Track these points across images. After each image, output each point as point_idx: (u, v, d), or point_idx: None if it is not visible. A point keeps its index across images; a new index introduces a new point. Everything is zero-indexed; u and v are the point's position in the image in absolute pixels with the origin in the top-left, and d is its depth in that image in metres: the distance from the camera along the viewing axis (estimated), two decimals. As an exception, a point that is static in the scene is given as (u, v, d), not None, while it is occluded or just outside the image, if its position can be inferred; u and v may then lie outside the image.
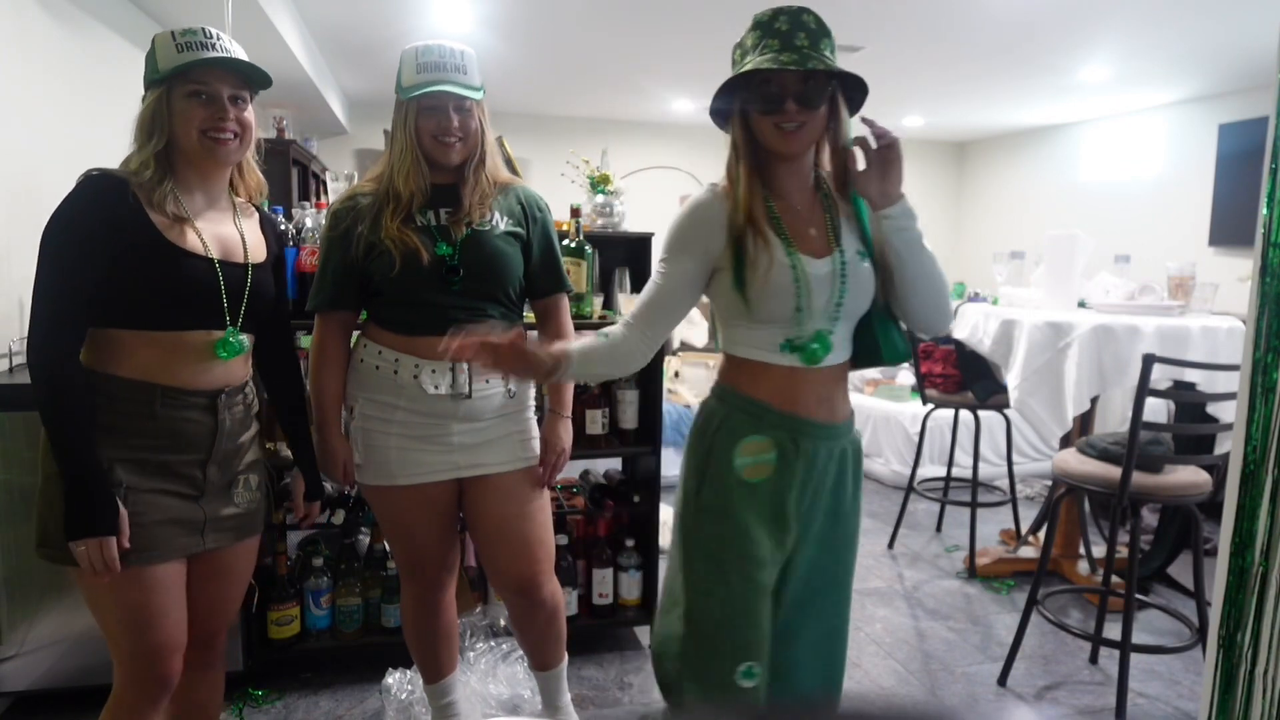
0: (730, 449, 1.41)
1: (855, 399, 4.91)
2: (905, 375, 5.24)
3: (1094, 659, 2.66)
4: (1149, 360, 2.31)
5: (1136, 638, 2.51)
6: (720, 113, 1.43)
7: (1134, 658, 2.45)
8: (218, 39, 1.45)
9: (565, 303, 1.91)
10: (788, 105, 1.32)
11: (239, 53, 1.47)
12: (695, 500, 1.46)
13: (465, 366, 1.71)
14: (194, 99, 1.42)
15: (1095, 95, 5.69)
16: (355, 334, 1.83)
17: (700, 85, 5.74)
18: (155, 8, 3.53)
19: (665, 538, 3.49)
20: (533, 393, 1.91)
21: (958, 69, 5.01)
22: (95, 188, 1.40)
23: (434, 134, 1.68)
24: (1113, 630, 2.50)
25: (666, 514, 3.62)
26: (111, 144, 3.09)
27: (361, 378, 1.75)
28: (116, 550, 1.37)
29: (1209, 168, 5.47)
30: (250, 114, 1.49)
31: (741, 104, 1.37)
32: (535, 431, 1.87)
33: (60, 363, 1.38)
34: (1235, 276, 4.29)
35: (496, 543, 1.84)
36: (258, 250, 1.57)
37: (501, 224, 1.75)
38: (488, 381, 1.74)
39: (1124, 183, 6.23)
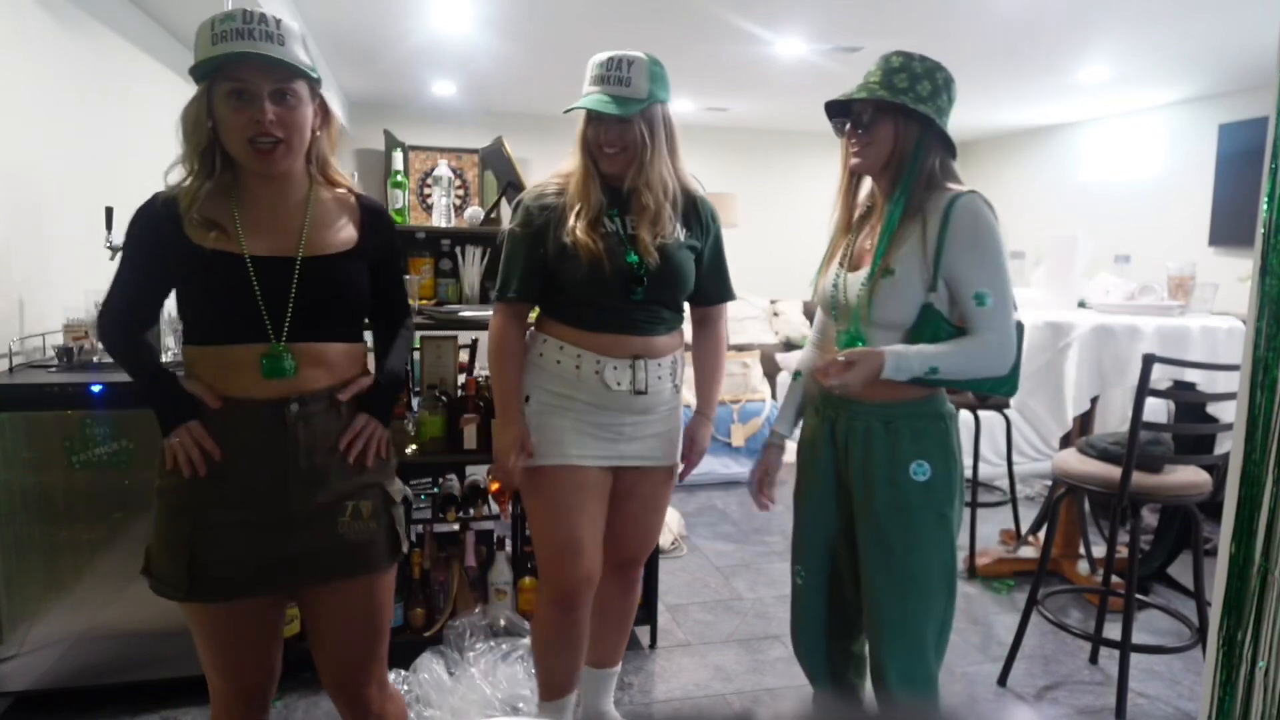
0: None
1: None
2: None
3: (1094, 659, 2.66)
4: (1149, 360, 2.30)
5: (1136, 638, 2.51)
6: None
7: (1134, 658, 2.45)
8: (258, 23, 1.26)
9: (726, 311, 1.99)
10: (849, 128, 1.61)
11: (290, 40, 1.29)
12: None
13: (644, 363, 1.78)
14: (233, 99, 1.27)
15: (1095, 95, 5.69)
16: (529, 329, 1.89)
17: (700, 85, 5.73)
18: (155, 7, 3.53)
19: (665, 538, 3.50)
20: (684, 392, 1.98)
21: (958, 69, 5.00)
22: (143, 207, 1.38)
23: (596, 143, 1.74)
24: (1113, 630, 2.49)
25: (668, 515, 3.61)
26: (111, 143, 3.10)
27: (541, 370, 1.82)
28: (204, 430, 1.34)
29: (1209, 168, 5.47)
30: (301, 113, 1.31)
31: (837, 128, 1.67)
32: (683, 430, 1.97)
33: (106, 332, 1.41)
34: (1235, 276, 4.29)
35: (627, 526, 1.94)
36: (325, 242, 1.39)
37: (681, 235, 1.81)
38: (660, 378, 1.81)
39: (1124, 183, 6.23)
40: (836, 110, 1.64)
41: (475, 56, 4.87)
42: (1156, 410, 3.23)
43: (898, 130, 1.56)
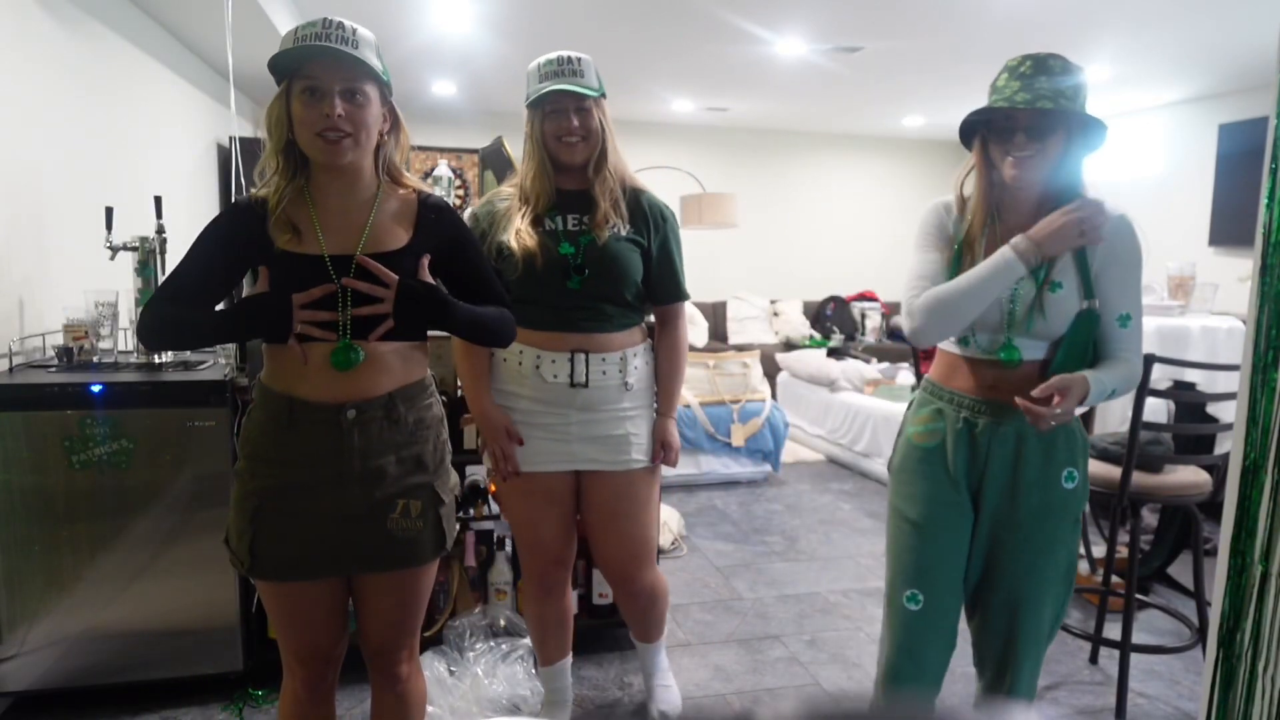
0: None
1: (854, 399, 4.91)
2: (905, 375, 5.24)
3: (1094, 659, 2.66)
4: (1149, 360, 2.30)
5: (1136, 638, 2.51)
6: (965, 137, 1.58)
7: (1134, 658, 2.45)
8: (335, 29, 1.34)
9: (683, 310, 1.98)
10: (1017, 137, 1.48)
11: (363, 46, 1.37)
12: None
13: (583, 357, 1.81)
14: (306, 95, 1.35)
15: (1095, 95, 5.66)
16: None
17: (700, 85, 5.74)
18: (155, 7, 3.54)
19: (665, 538, 3.49)
20: (653, 392, 1.96)
21: (958, 69, 5.01)
22: (235, 201, 1.46)
23: (556, 135, 1.78)
24: (1113, 630, 2.50)
25: (666, 513, 3.62)
26: (111, 144, 3.09)
27: (493, 370, 1.89)
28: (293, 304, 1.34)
29: (1209, 168, 5.47)
30: (369, 112, 1.38)
31: (983, 133, 1.54)
32: (649, 435, 1.93)
33: (153, 308, 1.40)
34: (1235, 276, 4.29)
35: (603, 536, 1.96)
36: (383, 240, 1.43)
37: (623, 229, 1.83)
38: (604, 373, 1.83)
39: (1124, 183, 6.23)
40: (979, 118, 1.54)
41: (475, 56, 4.87)
42: (1156, 410, 3.23)
43: (1069, 141, 1.51)
